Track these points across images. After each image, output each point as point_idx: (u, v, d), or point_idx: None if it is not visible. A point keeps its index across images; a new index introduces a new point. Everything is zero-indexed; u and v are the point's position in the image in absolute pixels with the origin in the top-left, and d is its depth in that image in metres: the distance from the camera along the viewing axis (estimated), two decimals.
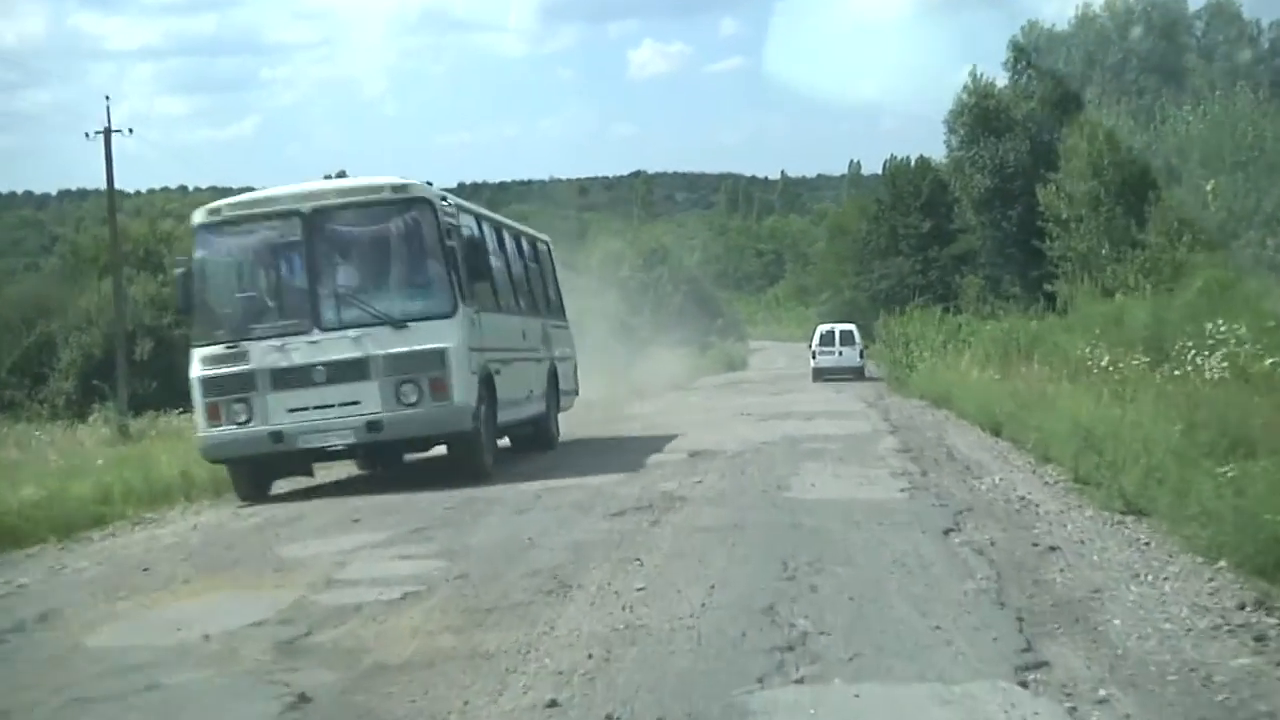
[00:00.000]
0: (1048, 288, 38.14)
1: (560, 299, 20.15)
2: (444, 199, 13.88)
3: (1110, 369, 18.38)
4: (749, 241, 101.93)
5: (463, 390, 12.85)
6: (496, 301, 15.13)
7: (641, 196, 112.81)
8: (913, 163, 62.64)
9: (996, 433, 16.15)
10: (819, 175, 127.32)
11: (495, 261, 15.30)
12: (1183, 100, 41.01)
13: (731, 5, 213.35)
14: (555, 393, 17.67)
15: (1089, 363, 19.17)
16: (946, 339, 30.32)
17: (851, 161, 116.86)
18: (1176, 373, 15.66)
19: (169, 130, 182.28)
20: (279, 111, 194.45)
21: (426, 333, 12.74)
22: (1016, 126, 47.57)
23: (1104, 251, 34.20)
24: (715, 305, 60.12)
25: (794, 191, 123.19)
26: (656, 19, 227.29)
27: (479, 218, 15.57)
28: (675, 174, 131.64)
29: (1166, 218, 30.64)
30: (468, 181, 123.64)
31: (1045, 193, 38.29)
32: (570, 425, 19.00)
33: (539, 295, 18.36)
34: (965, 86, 48.73)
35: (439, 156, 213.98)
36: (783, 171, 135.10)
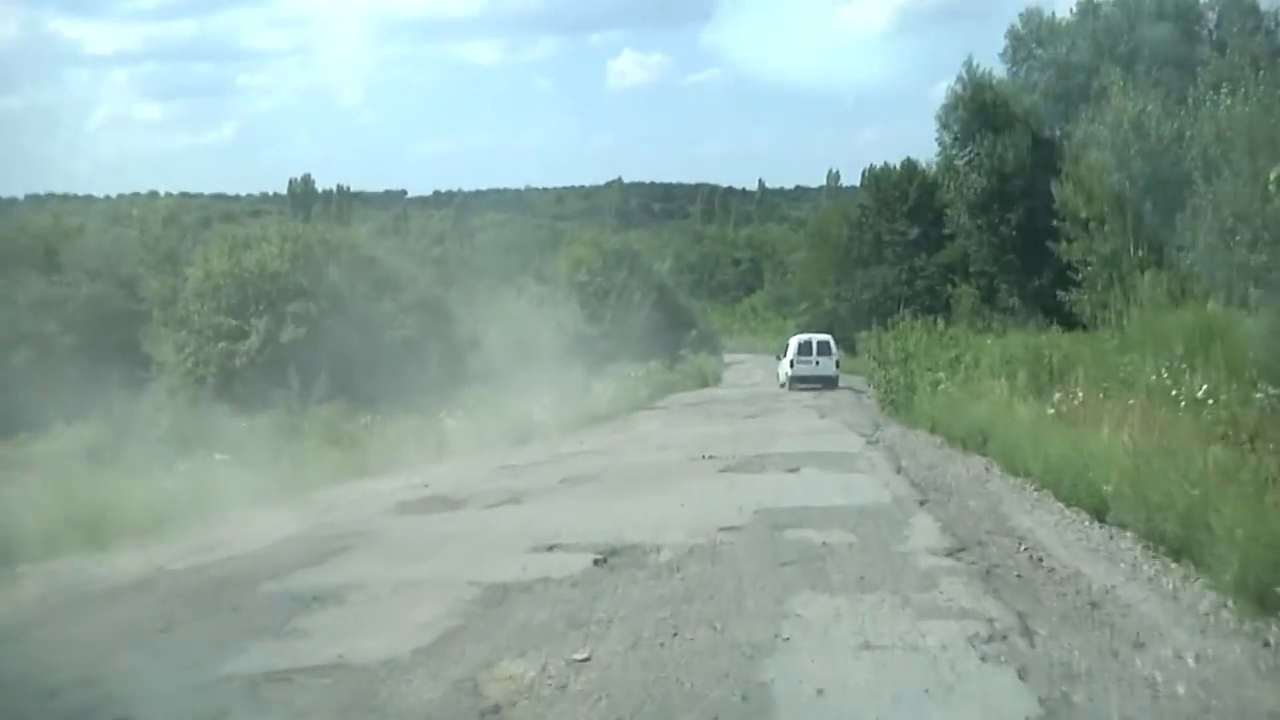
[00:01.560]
0: (1062, 295, 31.76)
1: None
2: None
3: (1210, 402, 12.13)
4: (725, 249, 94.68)
5: None
6: None
7: (616, 204, 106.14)
8: (898, 166, 56.31)
9: (1099, 515, 9.67)
10: (797, 186, 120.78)
11: None
12: (1201, 95, 34.91)
13: (712, 15, 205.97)
14: None
15: (1174, 393, 12.92)
16: (956, 356, 23.90)
17: (830, 171, 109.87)
18: None
19: (147, 135, 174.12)
20: (257, 118, 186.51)
21: None
22: (1016, 122, 41.22)
23: (1138, 254, 27.82)
24: (688, 316, 53.68)
25: (772, 202, 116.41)
26: (637, 28, 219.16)
27: None
28: (653, 184, 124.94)
29: (1219, 213, 24.26)
30: (442, 189, 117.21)
31: (1061, 188, 31.90)
32: (455, 482, 12.54)
33: None
34: (960, 78, 42.34)
35: (416, 165, 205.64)
36: (760, 180, 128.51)
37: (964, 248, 52.10)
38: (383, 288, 27.27)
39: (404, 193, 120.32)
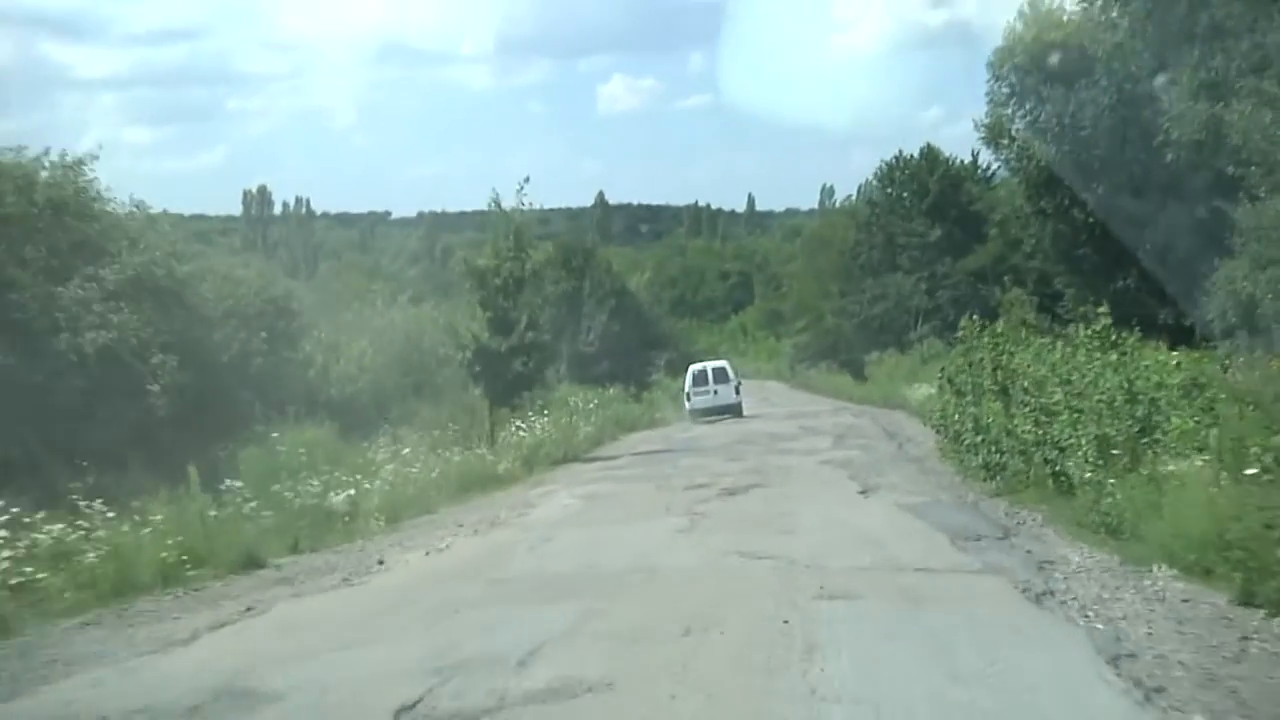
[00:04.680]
0: (1243, 285, 18.33)
1: None
2: None
3: None
4: (711, 261, 77.72)
5: None
6: None
7: (598, 220, 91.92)
8: (916, 155, 42.96)
9: None
10: (788, 209, 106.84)
11: None
12: None
13: (702, 41, 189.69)
14: None
15: None
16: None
17: (824, 186, 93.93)
18: None
19: (137, 159, 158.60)
20: (248, 142, 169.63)
21: None
22: (1097, 68, 27.83)
23: None
24: (661, 334, 40.06)
25: (762, 223, 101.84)
26: (628, 53, 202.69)
27: None
28: (640, 205, 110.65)
29: None
30: (426, 210, 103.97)
31: (1240, 118, 18.41)
32: None
33: None
34: (1020, 13, 29.08)
35: (403, 187, 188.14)
36: (750, 195, 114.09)
37: (998, 250, 38.89)
38: (74, 257, 13.78)
39: (388, 214, 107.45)
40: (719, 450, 20.00)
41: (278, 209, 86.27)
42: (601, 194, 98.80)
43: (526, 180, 20.96)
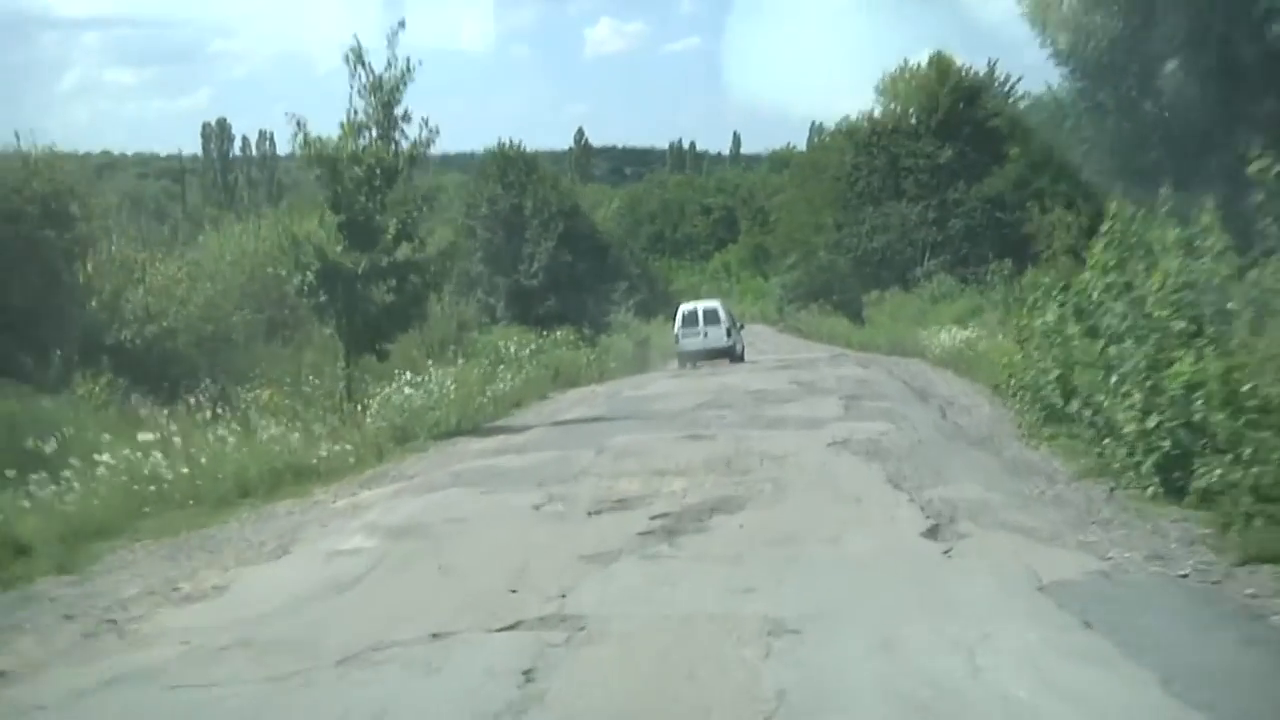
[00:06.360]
0: None
1: None
2: None
3: None
4: (693, 195, 67.35)
5: None
6: None
7: (577, 159, 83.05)
8: (923, 65, 35.30)
9: None
10: (773, 153, 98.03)
11: None
12: None
13: None
14: None
15: None
16: None
17: (814, 124, 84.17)
18: None
19: (120, 99, 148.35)
20: (231, 84, 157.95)
21: None
22: None
23: None
24: (623, 267, 32.38)
25: (748, 165, 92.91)
26: None
27: None
28: (625, 149, 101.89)
29: None
30: None
31: None
32: None
33: None
34: None
35: None
36: (735, 133, 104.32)
37: (1019, 172, 31.60)
38: None
39: None
40: (677, 418, 12.79)
41: (238, 145, 78.33)
42: (581, 131, 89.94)
43: (402, 25, 13.39)
